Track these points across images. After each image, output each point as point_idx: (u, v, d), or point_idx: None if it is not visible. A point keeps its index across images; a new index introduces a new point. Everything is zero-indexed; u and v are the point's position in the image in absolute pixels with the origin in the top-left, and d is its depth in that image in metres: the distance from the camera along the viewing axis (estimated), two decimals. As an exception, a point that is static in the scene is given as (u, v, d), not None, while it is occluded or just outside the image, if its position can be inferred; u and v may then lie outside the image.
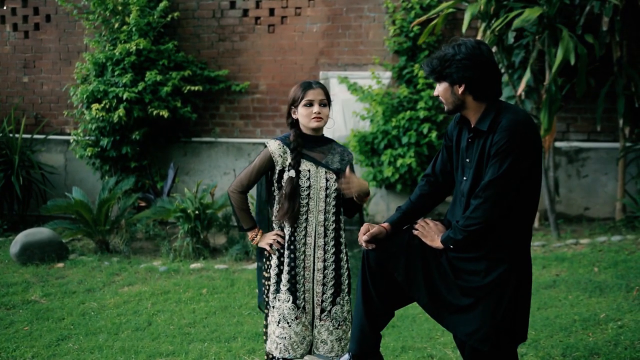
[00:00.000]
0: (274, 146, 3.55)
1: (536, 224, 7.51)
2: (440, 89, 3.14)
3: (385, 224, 3.33)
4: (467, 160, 3.11)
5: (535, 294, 5.39)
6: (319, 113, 3.51)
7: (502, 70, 7.18)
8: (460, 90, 3.07)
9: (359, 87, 8.00)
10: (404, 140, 7.52)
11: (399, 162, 7.44)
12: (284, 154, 3.54)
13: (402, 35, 7.91)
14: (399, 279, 3.21)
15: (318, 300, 3.57)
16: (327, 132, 3.77)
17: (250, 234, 3.63)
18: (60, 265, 6.80)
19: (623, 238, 6.69)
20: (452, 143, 3.23)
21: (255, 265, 6.70)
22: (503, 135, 2.96)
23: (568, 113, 7.71)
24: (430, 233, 3.22)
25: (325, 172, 3.55)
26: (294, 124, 3.60)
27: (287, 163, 3.53)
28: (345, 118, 8.17)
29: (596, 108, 7.24)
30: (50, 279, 6.36)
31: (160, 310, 5.47)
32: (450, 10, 6.83)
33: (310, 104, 3.52)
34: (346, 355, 3.46)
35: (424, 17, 6.89)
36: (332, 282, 3.58)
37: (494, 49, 6.92)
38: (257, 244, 3.64)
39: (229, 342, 4.73)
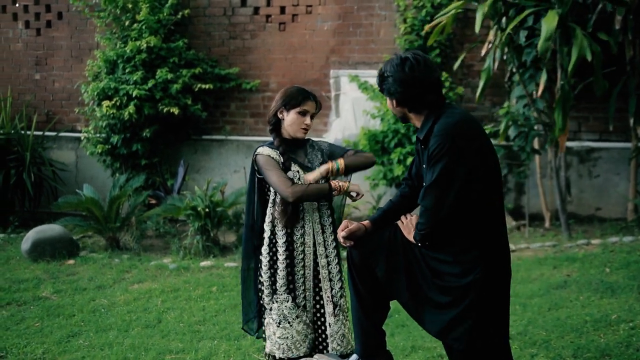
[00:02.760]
0: (266, 150, 3.57)
1: (547, 224, 7.48)
2: (387, 102, 3.30)
3: (366, 222, 3.41)
4: (424, 166, 3.18)
5: (546, 294, 5.37)
6: (308, 126, 3.57)
7: (514, 70, 7.16)
8: (394, 104, 3.20)
9: (370, 85, 7.98)
10: (414, 139, 7.49)
11: (409, 160, 7.42)
12: (277, 156, 3.57)
13: (413, 34, 7.88)
14: (379, 275, 3.26)
15: (328, 296, 3.59)
16: (337, 130, 3.80)
17: (334, 184, 3.51)
18: (71, 262, 6.83)
19: (635, 239, 6.65)
20: (419, 146, 3.30)
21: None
22: (434, 141, 3.03)
23: (580, 113, 7.67)
24: (408, 226, 3.28)
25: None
26: (277, 124, 3.60)
27: (280, 165, 3.55)
28: (355, 116, 8.15)
29: (608, 108, 7.20)
30: (60, 276, 6.38)
31: (170, 307, 5.48)
32: (460, 10, 6.81)
33: (304, 113, 3.56)
34: (354, 356, 3.47)
35: (435, 22, 6.87)
36: (339, 277, 3.61)
37: (505, 49, 6.89)
38: (347, 189, 3.54)
39: (238, 340, 4.74)
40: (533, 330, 4.61)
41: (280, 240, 3.57)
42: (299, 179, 3.56)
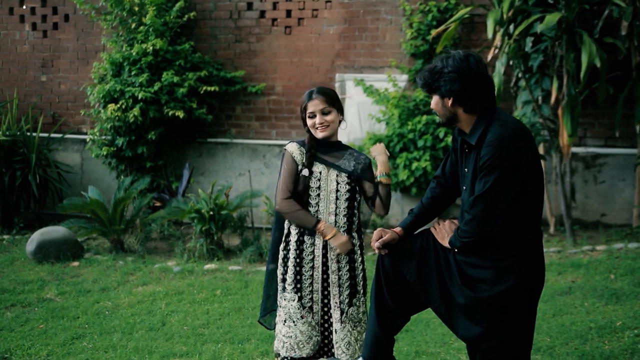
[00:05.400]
0: (291, 147, 3.66)
1: (552, 229, 7.46)
2: (432, 101, 3.18)
3: (398, 229, 3.37)
4: (465, 170, 3.15)
5: (551, 300, 5.36)
6: (322, 123, 3.60)
7: (519, 75, 7.16)
8: (450, 102, 3.09)
9: (375, 89, 7.98)
10: (420, 143, 7.49)
11: (414, 165, 7.42)
12: (301, 154, 3.64)
13: (419, 38, 7.88)
14: (411, 281, 3.24)
15: (336, 302, 3.59)
16: (342, 134, 3.82)
17: (320, 226, 3.57)
18: (76, 264, 6.84)
19: (640, 245, 6.64)
20: (458, 146, 3.25)
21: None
22: (488, 150, 2.97)
23: (585, 118, 7.65)
24: (442, 232, 3.27)
25: (337, 175, 3.61)
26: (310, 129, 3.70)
27: (303, 162, 3.63)
28: (360, 120, 8.15)
29: (614, 113, 7.19)
30: (65, 278, 6.39)
31: (174, 310, 5.49)
32: (467, 15, 6.82)
33: (312, 115, 3.61)
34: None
35: (442, 27, 6.88)
36: (348, 284, 3.61)
37: (511, 55, 6.89)
38: (330, 238, 3.57)
39: (242, 344, 4.74)
40: (537, 337, 4.60)
41: (293, 238, 3.63)
42: (319, 179, 3.59)
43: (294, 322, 3.61)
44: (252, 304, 5.59)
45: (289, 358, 3.62)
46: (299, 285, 3.61)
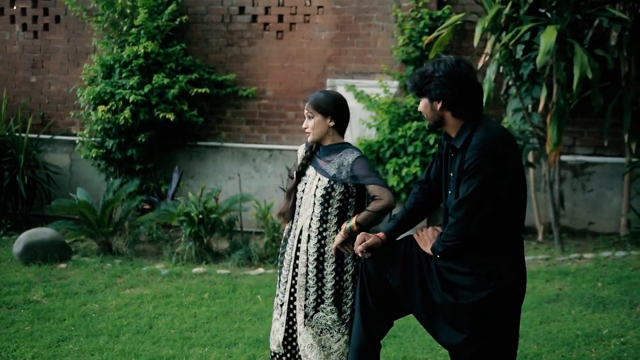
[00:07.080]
0: (300, 148, 3.78)
1: (540, 237, 7.49)
2: (421, 104, 3.20)
3: (381, 234, 3.38)
4: (451, 174, 3.17)
5: (538, 308, 5.37)
6: (305, 128, 3.66)
7: (510, 83, 7.19)
8: (439, 106, 3.11)
9: (366, 95, 7.98)
10: (410, 149, 7.51)
11: (404, 171, 7.44)
12: (298, 157, 3.75)
13: (411, 45, 7.90)
14: (394, 286, 3.26)
15: (301, 305, 3.58)
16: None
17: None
18: (63, 265, 6.80)
19: (627, 254, 6.66)
20: (444, 151, 3.26)
21: (256, 271, 6.70)
22: (472, 154, 3.00)
23: (574, 127, 7.69)
24: (424, 238, 3.28)
25: (318, 179, 3.59)
26: None
27: (296, 162, 3.72)
28: (351, 126, 8.11)
29: (603, 123, 7.23)
30: (52, 280, 6.36)
31: (162, 313, 5.47)
32: (459, 22, 6.85)
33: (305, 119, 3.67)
34: (345, 365, 3.47)
35: (434, 35, 6.91)
36: (314, 289, 3.55)
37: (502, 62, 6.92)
38: None
39: (229, 348, 4.73)
40: (524, 344, 4.61)
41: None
42: (306, 183, 3.62)
43: (273, 316, 3.74)
44: (239, 308, 5.57)
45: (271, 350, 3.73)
46: (279, 283, 3.69)
